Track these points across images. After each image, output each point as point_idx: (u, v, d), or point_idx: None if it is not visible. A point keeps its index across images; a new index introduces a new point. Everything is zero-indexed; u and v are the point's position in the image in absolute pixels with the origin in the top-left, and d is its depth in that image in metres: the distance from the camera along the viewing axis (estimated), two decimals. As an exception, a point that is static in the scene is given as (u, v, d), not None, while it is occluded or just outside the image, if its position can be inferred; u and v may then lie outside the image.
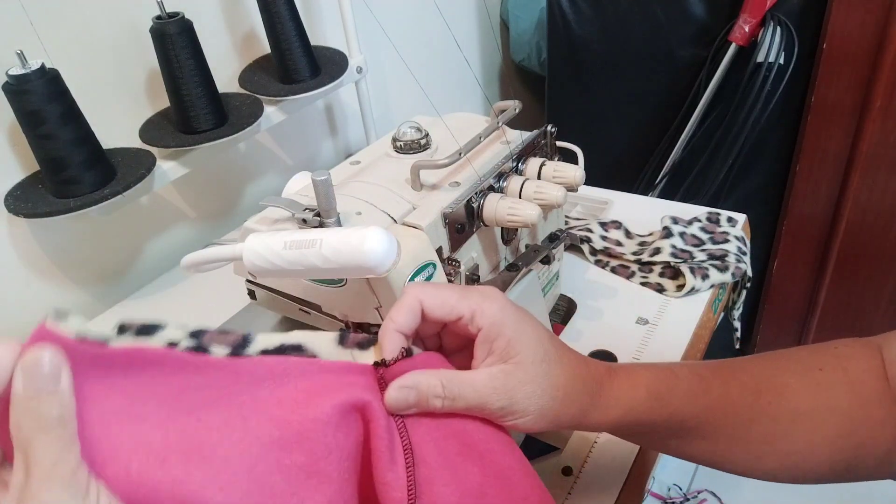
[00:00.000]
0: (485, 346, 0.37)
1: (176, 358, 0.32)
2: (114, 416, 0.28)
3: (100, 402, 0.28)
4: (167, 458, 0.28)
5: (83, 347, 0.28)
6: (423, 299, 0.37)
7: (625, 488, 0.54)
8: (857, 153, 1.13)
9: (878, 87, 1.05)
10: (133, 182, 0.69)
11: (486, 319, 0.37)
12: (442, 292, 0.37)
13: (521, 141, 0.61)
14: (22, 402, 0.25)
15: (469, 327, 0.37)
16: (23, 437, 0.25)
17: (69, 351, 0.27)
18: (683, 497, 1.41)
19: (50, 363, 0.26)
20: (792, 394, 0.40)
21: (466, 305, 0.37)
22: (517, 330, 0.37)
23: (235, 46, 0.89)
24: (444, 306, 0.37)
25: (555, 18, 1.27)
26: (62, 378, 0.26)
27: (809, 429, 0.39)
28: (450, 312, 0.37)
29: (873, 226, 1.19)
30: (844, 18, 1.04)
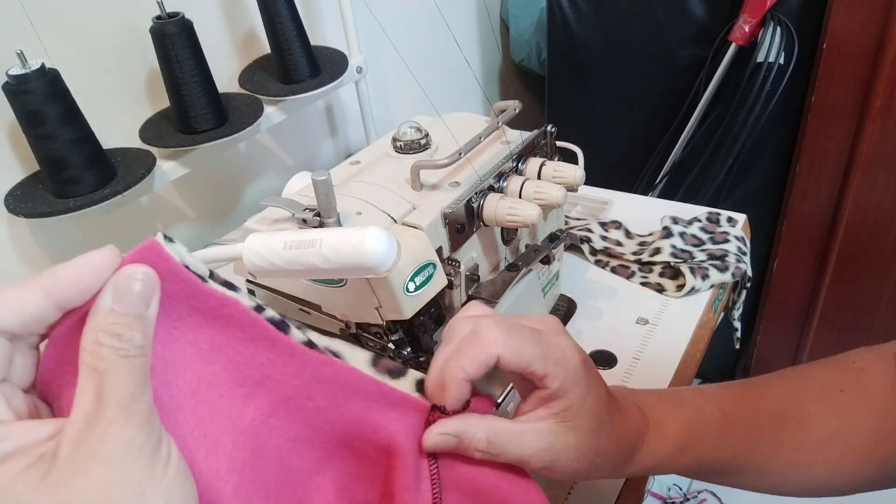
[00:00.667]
0: (544, 402, 0.36)
1: (261, 326, 0.29)
2: (178, 361, 0.26)
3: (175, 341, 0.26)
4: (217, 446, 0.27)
5: (184, 276, 0.26)
6: (502, 354, 0.34)
7: (625, 488, 0.54)
8: (857, 153, 1.13)
9: (878, 87, 1.05)
10: (133, 182, 0.69)
11: (556, 382, 0.35)
12: (521, 345, 0.35)
13: (521, 141, 0.61)
14: (107, 320, 0.23)
15: (536, 380, 0.35)
16: (100, 360, 0.22)
17: (168, 275, 0.25)
18: (683, 497, 1.41)
19: (144, 283, 0.24)
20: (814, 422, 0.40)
21: (542, 365, 0.35)
22: (584, 397, 0.36)
23: (235, 46, 0.89)
24: (520, 361, 0.34)
25: (555, 18, 1.27)
26: (152, 303, 0.24)
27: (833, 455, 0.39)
28: (523, 361, 0.35)
29: (873, 226, 1.19)
30: (844, 18, 1.04)
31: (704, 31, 1.16)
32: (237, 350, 0.29)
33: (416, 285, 0.48)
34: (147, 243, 0.25)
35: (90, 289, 0.23)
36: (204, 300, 0.27)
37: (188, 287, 0.26)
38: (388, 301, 0.48)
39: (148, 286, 0.24)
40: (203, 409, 0.27)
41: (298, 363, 0.31)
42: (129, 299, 0.23)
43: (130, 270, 0.24)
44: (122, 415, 0.22)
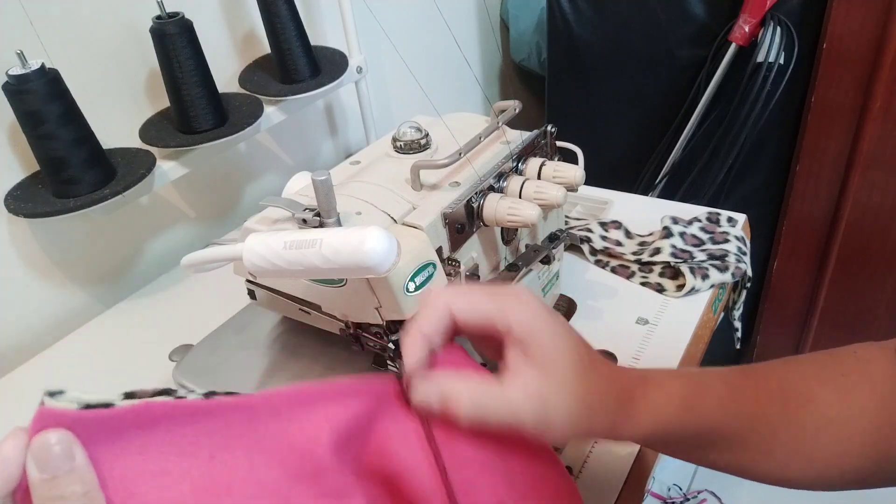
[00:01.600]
0: (517, 350, 0.36)
1: (185, 406, 0.30)
2: (138, 477, 0.27)
3: (119, 465, 0.27)
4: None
5: (88, 417, 0.27)
6: (453, 304, 0.35)
7: (625, 488, 0.54)
8: (857, 153, 1.13)
9: (878, 87, 1.05)
10: (133, 182, 0.69)
11: (516, 321, 0.35)
12: (472, 296, 0.36)
13: (521, 141, 0.60)
14: (42, 488, 0.25)
15: (500, 329, 0.36)
16: None
17: (76, 424, 0.26)
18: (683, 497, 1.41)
19: (59, 443, 0.25)
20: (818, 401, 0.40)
21: (497, 307, 0.35)
22: (553, 333, 0.36)
23: (235, 46, 0.89)
24: (474, 311, 0.35)
25: (555, 18, 1.27)
26: (76, 455, 0.25)
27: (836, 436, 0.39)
28: (480, 317, 0.36)
29: (873, 226, 1.19)
30: (844, 18, 1.04)
31: (704, 31, 1.16)
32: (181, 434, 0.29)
33: (416, 285, 0.48)
34: (37, 415, 0.26)
35: (15, 476, 0.25)
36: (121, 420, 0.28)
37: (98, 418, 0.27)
38: (388, 301, 0.48)
39: (64, 444, 0.25)
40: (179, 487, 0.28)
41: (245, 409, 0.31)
42: (53, 463, 0.25)
43: (42, 439, 0.25)
44: None
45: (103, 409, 0.27)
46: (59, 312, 0.79)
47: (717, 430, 0.39)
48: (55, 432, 0.25)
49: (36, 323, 0.77)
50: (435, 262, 0.50)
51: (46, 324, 0.77)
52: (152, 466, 0.28)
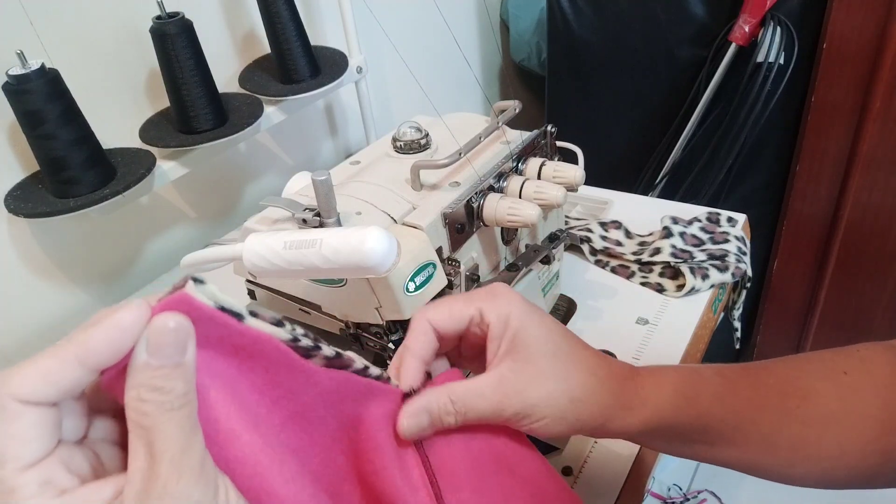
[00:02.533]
0: (495, 343, 0.36)
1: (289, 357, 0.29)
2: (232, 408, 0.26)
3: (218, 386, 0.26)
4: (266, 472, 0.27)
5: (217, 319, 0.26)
6: (431, 317, 0.36)
7: (625, 488, 0.54)
8: (857, 153, 1.13)
9: (878, 87, 1.05)
10: (133, 182, 0.69)
11: (493, 315, 0.36)
12: (447, 303, 0.37)
13: (521, 141, 0.61)
14: (144, 374, 0.23)
15: (480, 327, 0.36)
16: (145, 417, 0.22)
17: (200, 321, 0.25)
18: (683, 497, 1.41)
19: (177, 331, 0.23)
20: (819, 398, 0.39)
21: (473, 306, 0.36)
22: (524, 321, 0.36)
23: (235, 46, 0.89)
24: (451, 316, 0.36)
25: (555, 18, 1.27)
26: (188, 349, 0.24)
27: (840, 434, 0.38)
28: (459, 319, 0.36)
29: (873, 226, 1.19)
30: (844, 18, 1.04)
31: (704, 31, 1.16)
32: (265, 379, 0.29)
33: (416, 285, 0.48)
34: (177, 295, 0.24)
35: (123, 350, 0.23)
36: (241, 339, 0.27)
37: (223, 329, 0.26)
38: (388, 301, 0.48)
39: (181, 334, 0.24)
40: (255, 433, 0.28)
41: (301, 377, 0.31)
42: (164, 350, 0.23)
43: (162, 321, 0.23)
44: (176, 471, 0.22)
45: (232, 319, 0.26)
46: (59, 312, 0.79)
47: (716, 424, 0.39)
48: (177, 317, 0.24)
49: (36, 323, 0.77)
50: (435, 262, 0.50)
51: (46, 324, 0.77)
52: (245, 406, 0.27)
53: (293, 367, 0.30)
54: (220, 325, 0.26)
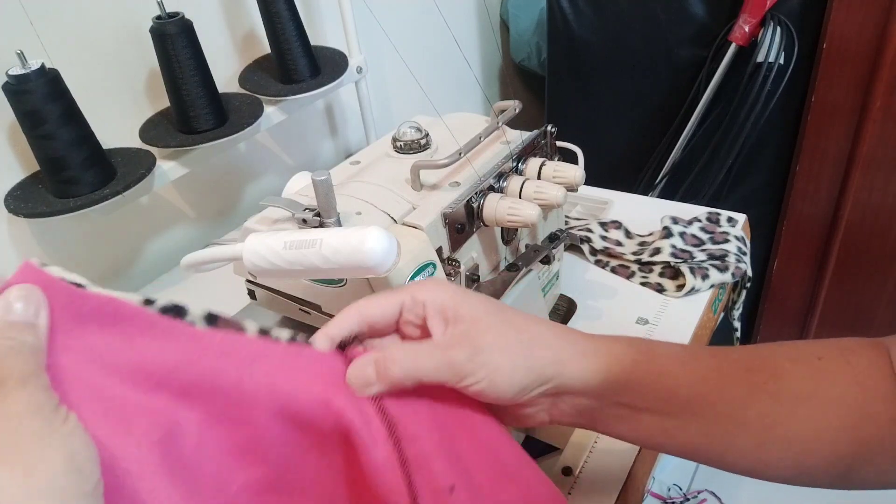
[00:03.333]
0: (437, 318, 0.36)
1: (147, 317, 0.30)
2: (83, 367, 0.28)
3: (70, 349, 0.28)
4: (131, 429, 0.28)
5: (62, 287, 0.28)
6: (360, 306, 0.37)
7: (625, 488, 0.54)
8: (857, 153, 1.13)
9: (878, 87, 1.05)
10: (133, 182, 0.69)
11: (426, 293, 0.37)
12: (378, 294, 0.38)
13: (521, 141, 0.61)
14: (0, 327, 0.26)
15: (415, 310, 0.37)
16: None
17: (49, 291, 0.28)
18: (683, 497, 1.41)
19: (28, 295, 0.27)
20: (790, 377, 0.38)
21: (404, 292, 0.37)
22: (463, 294, 0.37)
23: (235, 46, 0.89)
24: (381, 304, 0.37)
25: (555, 18, 1.27)
26: (41, 314, 0.27)
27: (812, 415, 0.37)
28: (388, 305, 0.37)
29: (873, 226, 1.19)
30: (844, 18, 1.04)
31: (704, 31, 1.16)
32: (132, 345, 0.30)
33: (416, 285, 0.48)
34: (22, 268, 0.28)
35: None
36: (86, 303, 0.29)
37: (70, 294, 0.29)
38: (388, 301, 0.48)
39: (32, 297, 0.27)
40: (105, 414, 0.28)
41: (196, 342, 0.31)
42: (17, 307, 0.27)
43: (15, 288, 0.27)
44: (20, 384, 0.25)
45: (76, 287, 0.29)
46: (59, 312, 0.79)
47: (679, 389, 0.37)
48: (28, 285, 0.27)
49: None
50: (435, 262, 0.50)
51: (46, 324, 0.77)
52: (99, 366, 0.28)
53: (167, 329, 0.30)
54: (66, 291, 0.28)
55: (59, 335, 0.28)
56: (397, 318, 0.38)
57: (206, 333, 0.32)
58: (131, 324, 0.30)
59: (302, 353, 0.34)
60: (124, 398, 0.28)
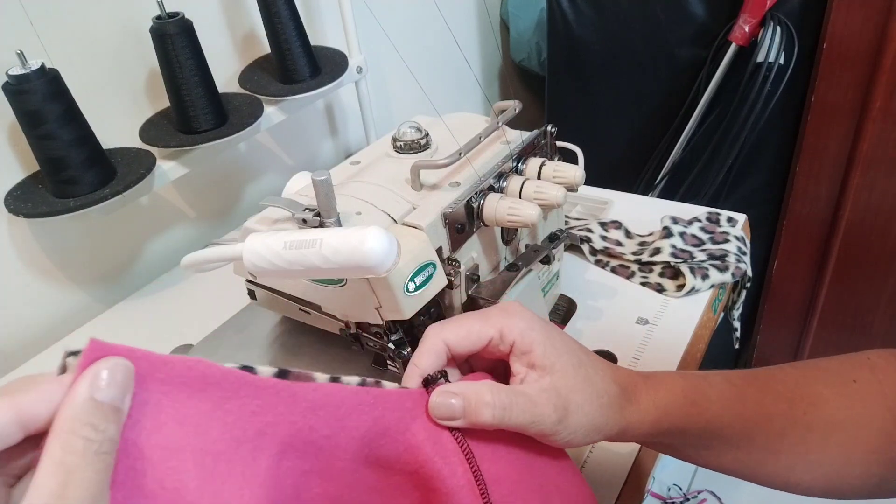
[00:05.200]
0: (521, 360, 0.36)
1: (235, 375, 0.28)
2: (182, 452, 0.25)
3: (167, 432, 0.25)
4: None
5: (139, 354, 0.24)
6: (447, 337, 0.36)
7: (625, 488, 0.54)
8: (857, 153, 1.13)
9: (878, 87, 1.05)
10: (133, 182, 0.69)
11: (515, 333, 0.36)
12: (464, 323, 0.36)
13: (521, 141, 0.60)
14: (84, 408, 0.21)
15: (500, 347, 0.36)
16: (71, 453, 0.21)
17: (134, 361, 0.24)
18: (683, 497, 1.41)
19: (124, 372, 0.23)
20: (826, 404, 0.39)
21: (492, 326, 0.36)
22: (549, 338, 0.36)
23: (235, 46, 0.89)
24: (469, 336, 0.36)
25: (555, 18, 1.27)
26: (126, 398, 0.23)
27: (844, 441, 0.38)
28: (477, 340, 0.36)
29: (873, 226, 1.19)
30: (844, 18, 1.04)
31: (704, 31, 1.16)
32: (225, 410, 0.27)
33: (416, 285, 0.48)
34: (90, 345, 0.23)
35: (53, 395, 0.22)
36: (171, 369, 0.26)
37: (151, 363, 0.25)
38: (388, 301, 0.48)
39: (126, 375, 0.23)
40: (212, 481, 0.26)
41: (287, 399, 0.30)
42: (110, 390, 0.22)
43: (107, 361, 0.22)
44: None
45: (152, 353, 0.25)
46: (60, 312, 0.79)
47: (723, 429, 0.39)
48: (121, 360, 0.23)
49: (36, 323, 0.77)
50: (435, 262, 0.50)
51: (46, 324, 0.77)
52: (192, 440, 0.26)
53: (253, 386, 0.28)
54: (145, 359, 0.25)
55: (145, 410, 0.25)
56: (482, 349, 0.37)
57: (290, 386, 0.30)
58: (219, 387, 0.27)
59: (382, 396, 0.33)
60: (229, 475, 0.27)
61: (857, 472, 0.38)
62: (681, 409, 0.39)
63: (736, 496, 1.37)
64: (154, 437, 0.24)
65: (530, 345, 0.36)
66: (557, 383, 0.35)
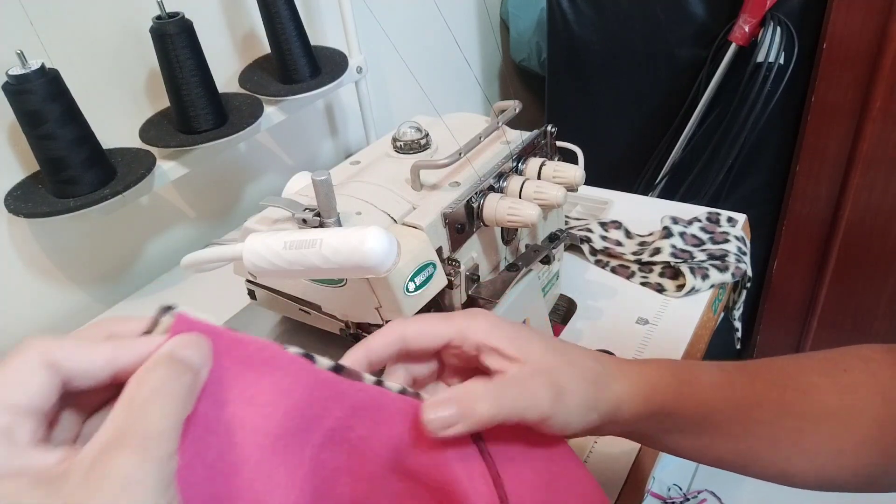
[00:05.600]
0: (495, 359, 0.36)
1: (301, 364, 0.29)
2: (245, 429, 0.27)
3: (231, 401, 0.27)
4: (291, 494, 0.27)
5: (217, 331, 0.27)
6: (405, 330, 0.36)
7: (625, 488, 0.54)
8: (857, 153, 1.13)
9: (878, 87, 1.05)
10: (133, 182, 0.69)
11: (480, 334, 0.36)
12: (425, 320, 0.36)
13: (521, 141, 0.61)
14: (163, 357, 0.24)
15: (464, 348, 0.36)
16: (143, 386, 0.23)
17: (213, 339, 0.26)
18: (683, 497, 1.41)
19: (199, 348, 0.25)
20: (818, 392, 0.39)
21: (452, 325, 0.36)
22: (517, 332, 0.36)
23: (235, 46, 0.89)
24: (426, 332, 0.36)
25: (555, 18, 1.27)
26: (204, 367, 0.25)
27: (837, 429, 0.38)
28: (434, 337, 0.36)
29: (873, 226, 1.19)
30: (844, 18, 1.04)
31: (704, 31, 1.16)
32: (288, 396, 0.29)
33: (416, 285, 0.48)
34: (177, 319, 0.26)
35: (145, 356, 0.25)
36: (245, 348, 0.28)
37: (228, 340, 0.27)
38: (388, 301, 0.48)
39: (206, 352, 0.26)
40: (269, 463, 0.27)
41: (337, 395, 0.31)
42: (191, 355, 0.25)
43: (191, 335, 0.25)
44: (140, 449, 0.21)
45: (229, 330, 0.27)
46: (60, 312, 0.79)
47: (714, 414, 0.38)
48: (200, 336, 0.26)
49: (36, 323, 0.77)
50: (435, 262, 0.50)
51: (47, 324, 0.77)
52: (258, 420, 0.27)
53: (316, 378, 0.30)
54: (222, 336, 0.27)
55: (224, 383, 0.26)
56: (438, 349, 0.37)
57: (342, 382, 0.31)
58: (285, 373, 0.29)
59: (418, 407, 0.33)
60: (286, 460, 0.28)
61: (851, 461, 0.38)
62: (671, 387, 0.38)
63: (736, 496, 1.37)
64: (223, 411, 0.26)
65: (499, 340, 0.35)
66: (540, 366, 0.35)
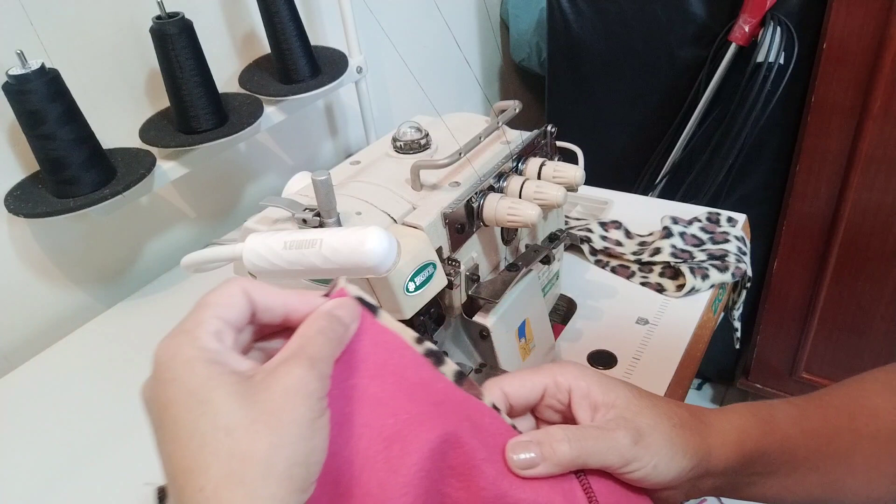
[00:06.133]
0: (583, 406, 0.36)
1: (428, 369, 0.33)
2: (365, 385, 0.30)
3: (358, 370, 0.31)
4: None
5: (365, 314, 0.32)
6: (504, 386, 0.36)
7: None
8: (857, 153, 1.13)
9: (878, 87, 1.05)
10: (133, 182, 0.69)
11: (570, 379, 0.36)
12: (519, 374, 0.37)
13: (521, 141, 0.61)
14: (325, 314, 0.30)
15: (558, 396, 0.36)
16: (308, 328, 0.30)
17: None
18: (683, 497, 1.40)
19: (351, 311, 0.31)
20: (884, 414, 0.39)
21: (546, 376, 0.37)
22: (603, 378, 0.37)
23: (235, 46, 0.89)
24: (525, 385, 0.36)
25: (555, 18, 1.27)
26: (352, 327, 0.31)
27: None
28: (532, 388, 0.36)
29: (873, 226, 1.19)
30: (844, 18, 1.04)
31: (704, 31, 1.16)
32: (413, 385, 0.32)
33: (416, 285, 0.48)
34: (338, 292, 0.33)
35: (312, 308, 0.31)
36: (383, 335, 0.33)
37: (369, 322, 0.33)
38: (388, 301, 0.48)
39: (352, 312, 0.32)
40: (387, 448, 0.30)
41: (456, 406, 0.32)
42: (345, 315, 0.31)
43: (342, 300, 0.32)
44: (309, 363, 0.27)
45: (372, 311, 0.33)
46: (59, 312, 0.79)
47: (797, 450, 0.39)
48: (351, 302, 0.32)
49: (36, 323, 0.77)
50: (435, 262, 0.50)
51: (46, 324, 0.77)
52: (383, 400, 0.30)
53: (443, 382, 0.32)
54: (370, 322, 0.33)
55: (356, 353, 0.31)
56: (538, 401, 0.37)
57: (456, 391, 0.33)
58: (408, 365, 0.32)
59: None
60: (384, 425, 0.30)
61: None
62: (756, 427, 0.38)
63: (736, 496, 1.37)
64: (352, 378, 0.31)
65: (587, 386, 0.36)
66: (623, 412, 0.35)
